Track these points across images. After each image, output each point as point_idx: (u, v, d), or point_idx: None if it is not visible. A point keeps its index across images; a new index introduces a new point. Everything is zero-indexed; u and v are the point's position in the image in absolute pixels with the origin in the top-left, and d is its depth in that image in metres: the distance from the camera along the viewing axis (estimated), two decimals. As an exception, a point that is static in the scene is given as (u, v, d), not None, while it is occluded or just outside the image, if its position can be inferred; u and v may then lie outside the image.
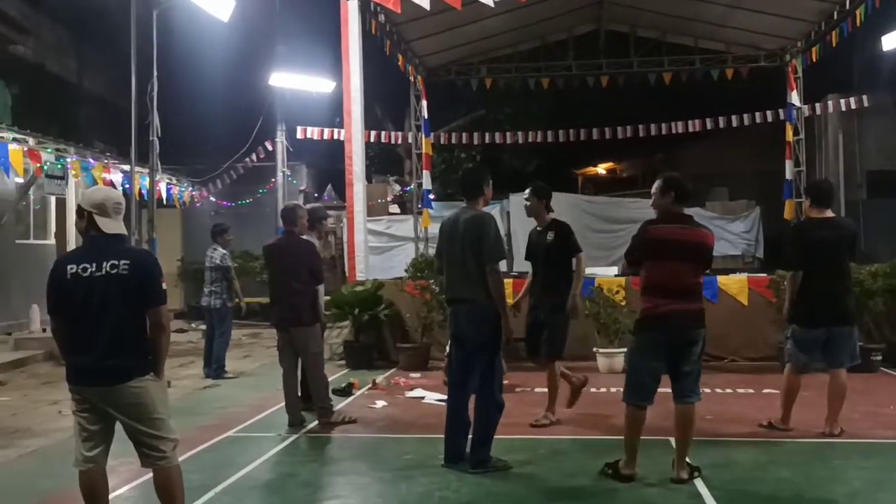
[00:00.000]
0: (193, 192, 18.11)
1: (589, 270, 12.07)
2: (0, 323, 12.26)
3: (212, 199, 18.54)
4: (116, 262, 3.95)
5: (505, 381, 8.81)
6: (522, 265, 17.21)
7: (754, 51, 16.36)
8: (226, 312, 10.29)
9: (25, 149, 11.06)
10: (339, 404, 8.16)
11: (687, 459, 5.27)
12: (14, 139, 10.86)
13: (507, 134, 19.42)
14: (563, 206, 18.67)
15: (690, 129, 18.24)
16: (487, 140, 19.34)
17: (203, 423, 7.35)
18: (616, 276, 10.79)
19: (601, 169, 30.99)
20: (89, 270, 3.92)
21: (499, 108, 21.71)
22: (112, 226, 4.06)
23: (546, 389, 7.27)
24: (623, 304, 10.01)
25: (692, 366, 5.22)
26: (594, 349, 9.98)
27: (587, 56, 17.03)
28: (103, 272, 3.93)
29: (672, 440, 5.40)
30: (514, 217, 18.44)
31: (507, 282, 10.83)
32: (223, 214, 17.53)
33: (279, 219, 18.33)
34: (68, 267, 3.97)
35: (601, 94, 17.79)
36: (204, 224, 16.73)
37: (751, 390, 8.50)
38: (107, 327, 3.93)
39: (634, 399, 5.23)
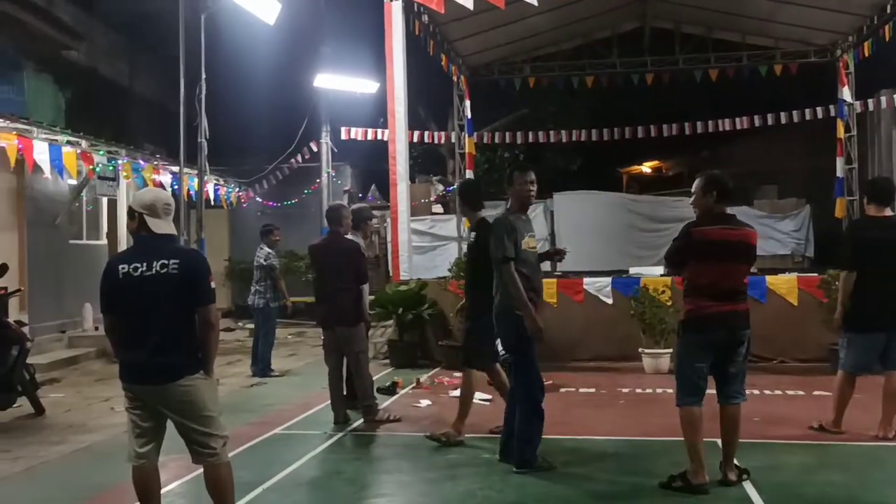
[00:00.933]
0: (240, 193, 18.37)
1: (633, 270, 12.03)
2: (54, 321, 12.55)
3: (258, 199, 18.77)
4: (166, 262, 4.02)
5: (549, 382, 8.86)
6: (565, 264, 17.15)
7: (804, 46, 16.03)
8: (269, 312, 10.42)
9: (79, 151, 11.32)
10: (384, 403, 8.22)
11: (735, 461, 5.20)
12: (68, 142, 11.12)
13: (551, 133, 19.31)
14: (607, 205, 18.60)
15: (738, 127, 17.94)
16: (531, 139, 19.25)
17: (251, 421, 7.47)
18: (661, 275, 10.67)
19: (646, 167, 30.64)
20: (140, 270, 4.00)
21: (542, 106, 21.59)
22: (162, 226, 4.14)
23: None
24: (669, 303, 9.90)
25: (738, 367, 5.17)
26: (639, 349, 9.90)
27: (631, 53, 16.85)
28: (154, 272, 4.00)
29: (718, 441, 5.32)
30: (558, 216, 18.38)
31: (551, 281, 10.96)
32: (269, 215, 17.74)
33: (324, 219, 18.50)
34: (120, 267, 4.05)
35: (646, 91, 17.60)
36: (250, 224, 16.99)
37: (800, 392, 8.35)
38: (158, 326, 4.00)
39: (688, 400, 5.13)
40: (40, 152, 10.28)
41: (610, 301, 10.67)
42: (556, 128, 19.69)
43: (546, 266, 18.16)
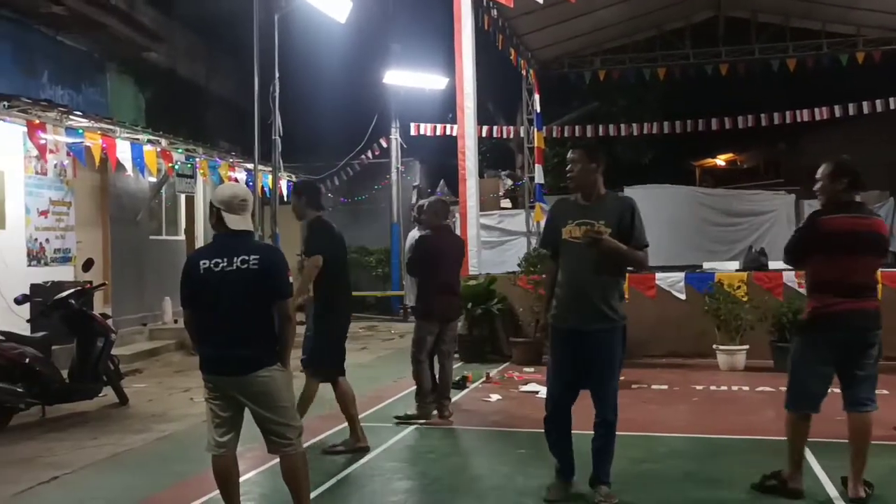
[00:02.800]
0: (312, 189, 18.66)
1: (708, 265, 11.81)
2: (135, 314, 12.99)
3: (329, 195, 19.05)
4: (247, 258, 4.09)
5: (621, 378, 8.77)
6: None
7: (888, 33, 15.42)
8: None
9: (159, 150, 11.68)
10: (454, 397, 8.25)
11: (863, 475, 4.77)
12: (148, 141, 11.49)
13: (622, 126, 19.08)
14: (680, 198, 18.25)
15: (816, 117, 17.38)
16: (601, 132, 19.05)
17: (323, 413, 7.60)
18: (737, 270, 10.44)
19: (720, 160, 29.97)
20: (221, 265, 4.07)
21: (612, 100, 21.33)
22: (238, 222, 4.20)
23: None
24: (745, 299, 9.68)
25: (868, 370, 4.74)
26: (714, 346, 9.71)
27: (705, 44, 16.49)
28: (234, 267, 4.07)
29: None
30: (629, 210, 18.09)
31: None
32: (340, 211, 18.01)
33: (394, 214, 18.64)
34: (201, 262, 4.12)
35: (720, 82, 17.20)
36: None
37: (884, 391, 8.06)
38: (237, 319, 4.09)
39: (798, 406, 4.80)
40: (123, 151, 10.64)
41: (683, 297, 10.49)
42: (627, 121, 19.44)
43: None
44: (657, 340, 10.43)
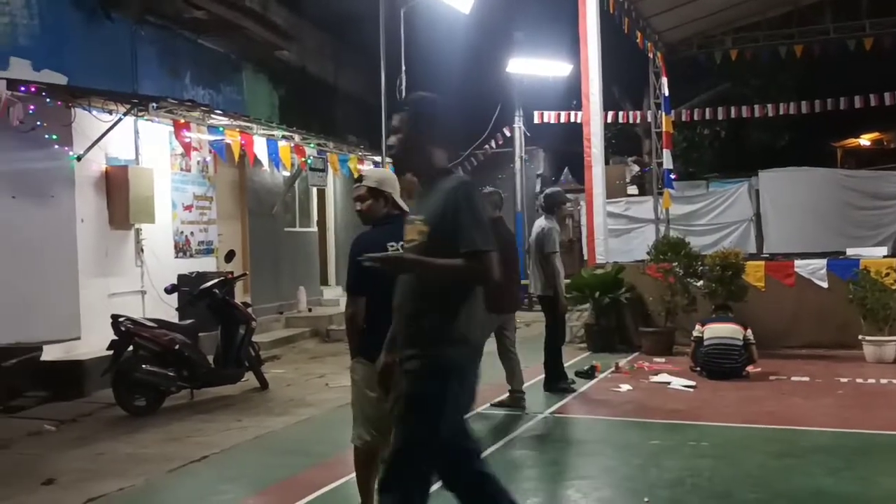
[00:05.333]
0: (437, 180, 18.91)
1: (852, 251, 11.20)
2: (272, 303, 13.56)
3: (489, 187, 19.22)
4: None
5: (757, 369, 8.48)
6: (773, 246, 16.21)
7: None
8: None
9: (292, 145, 12.14)
10: (583, 387, 8.22)
11: None
12: (283, 136, 11.96)
13: (755, 107, 18.29)
14: (819, 182, 17.34)
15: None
16: (732, 115, 18.35)
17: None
18: (885, 256, 9.83)
19: (864, 140, 28.14)
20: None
21: (745, 80, 20.46)
22: (404, 204, 4.11)
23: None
24: (894, 287, 9.11)
25: None
26: (860, 337, 9.20)
27: (847, 17, 15.54)
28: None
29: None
30: (763, 196, 17.40)
31: (759, 264, 10.46)
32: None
33: (518, 203, 18.61)
34: (388, 245, 3.85)
35: (863, 58, 16.16)
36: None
37: None
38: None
39: None
40: (259, 147, 11.12)
41: (825, 285, 9.99)
42: (761, 102, 18.62)
43: (752, 247, 17.27)
44: (796, 330, 10.02)
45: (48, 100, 8.70)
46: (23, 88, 8.51)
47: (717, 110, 18.44)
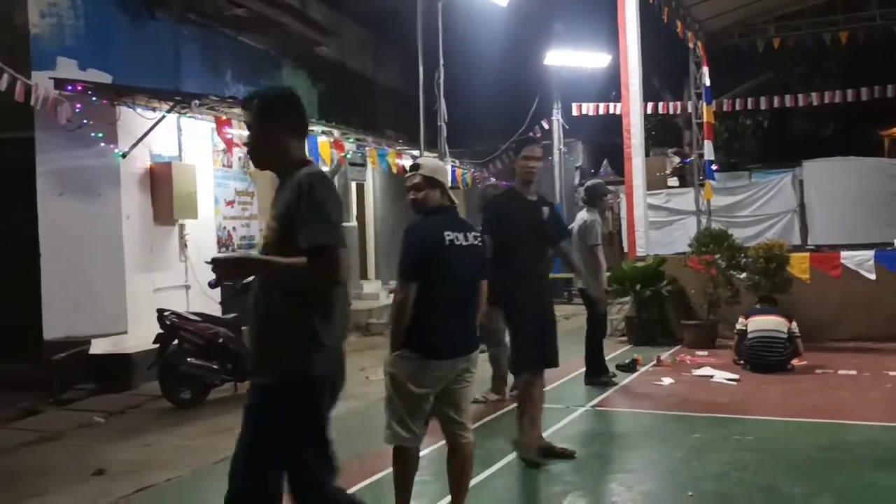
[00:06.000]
0: (475, 174, 18.89)
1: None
2: (313, 297, 13.67)
3: (492, 179, 19.20)
4: (476, 234, 4.09)
5: (803, 362, 8.35)
6: (818, 237, 15.90)
7: None
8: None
9: (332, 140, 12.22)
10: (624, 380, 8.17)
11: None
12: (322, 132, 12.04)
13: (799, 96, 17.95)
14: (866, 171, 16.97)
15: None
16: (776, 104, 18.03)
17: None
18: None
19: (912, 128, 27.51)
20: (460, 240, 3.96)
21: (788, 68, 20.09)
22: (454, 196, 4.15)
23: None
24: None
25: None
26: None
27: (893, 3, 15.16)
28: (468, 243, 4.00)
29: None
30: (808, 186, 17.09)
31: (804, 255, 10.30)
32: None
33: (556, 196, 18.50)
34: (445, 234, 3.92)
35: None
36: (485, 203, 17.45)
37: None
38: (474, 297, 4.08)
39: None
40: (299, 142, 11.22)
41: (872, 276, 9.80)
42: (805, 91, 18.27)
43: (797, 239, 16.97)
44: (842, 323, 9.84)
45: (94, 98, 8.88)
46: (69, 88, 8.72)
47: (759, 100, 18.14)
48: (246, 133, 3.24)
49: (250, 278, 8.38)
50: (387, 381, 3.97)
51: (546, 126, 18.44)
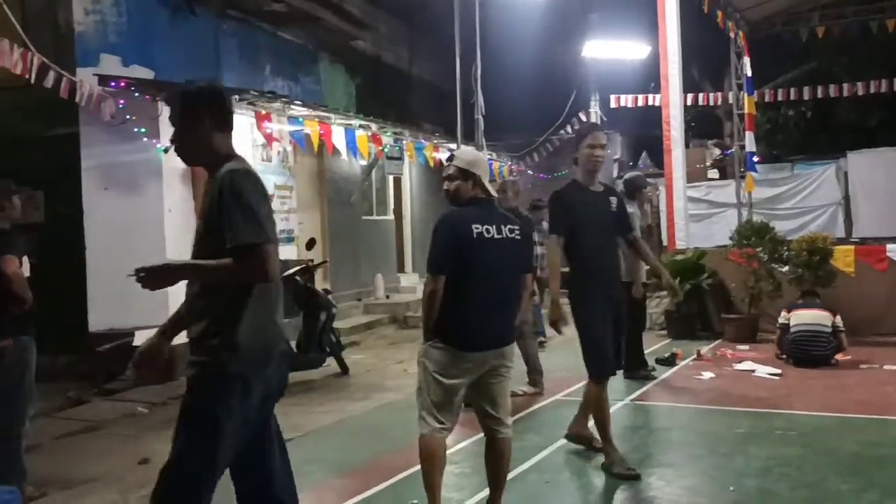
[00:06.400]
0: (512, 166, 18.83)
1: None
2: (351, 290, 13.78)
3: (529, 172, 19.12)
4: (514, 227, 3.98)
5: (847, 357, 8.20)
6: (862, 230, 15.59)
7: None
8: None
9: (369, 134, 12.27)
10: (663, 374, 8.09)
11: None
12: (360, 125, 12.10)
13: (844, 86, 17.58)
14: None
15: None
16: (819, 94, 17.69)
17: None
18: None
19: (961, 118, 26.78)
20: (492, 233, 3.88)
21: (832, 58, 19.68)
22: (491, 189, 4.08)
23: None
24: None
25: None
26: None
27: (944, -12, 14.78)
28: (503, 236, 3.91)
29: None
30: (853, 177, 16.76)
31: (849, 248, 10.10)
32: (540, 187, 18.03)
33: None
34: (473, 227, 3.86)
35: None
36: (522, 196, 17.38)
37: None
38: (511, 290, 4.00)
39: None
40: (338, 136, 11.28)
41: (920, 270, 9.58)
42: (850, 80, 17.89)
43: (840, 231, 16.68)
44: (888, 317, 9.65)
45: (136, 94, 9.02)
46: (113, 84, 8.87)
47: (802, 90, 17.82)
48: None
49: (290, 272, 8.29)
50: (419, 371, 4.00)
51: (584, 118, 18.28)
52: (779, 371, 7.85)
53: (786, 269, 9.67)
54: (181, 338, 3.03)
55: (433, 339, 3.91)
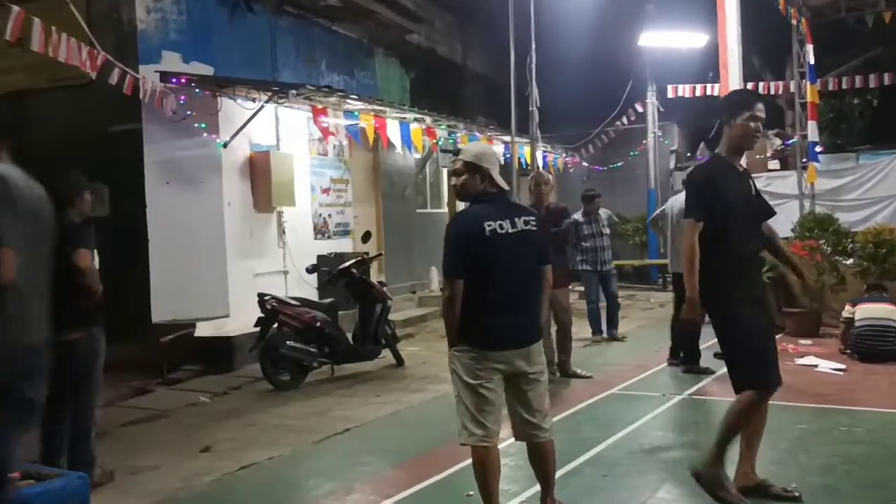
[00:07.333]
0: (566, 159, 18.70)
1: None
2: (406, 283, 13.85)
3: (584, 164, 18.95)
4: (528, 219, 3.89)
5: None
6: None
7: None
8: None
9: (423, 127, 12.31)
10: (721, 369, 7.94)
11: None
12: (414, 119, 12.14)
13: (912, 73, 17.02)
14: None
15: None
16: (886, 81, 17.13)
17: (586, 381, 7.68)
18: None
19: None
20: (505, 228, 3.79)
21: (900, 44, 19.05)
22: (502, 180, 3.99)
23: None
24: None
25: None
26: None
27: None
28: (518, 229, 3.82)
29: None
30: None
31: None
32: (595, 179, 17.86)
33: (650, 180, 18.15)
34: (486, 224, 3.77)
35: None
36: (576, 188, 17.24)
37: None
38: (529, 286, 3.91)
39: None
40: (392, 130, 11.34)
41: None
42: (919, 67, 17.30)
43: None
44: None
45: (197, 90, 9.21)
46: (174, 80, 9.07)
47: (867, 77, 17.26)
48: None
49: (346, 264, 8.42)
50: (453, 379, 3.89)
51: (640, 109, 18.06)
52: (843, 366, 7.67)
53: (850, 261, 9.42)
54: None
55: (458, 343, 3.83)
